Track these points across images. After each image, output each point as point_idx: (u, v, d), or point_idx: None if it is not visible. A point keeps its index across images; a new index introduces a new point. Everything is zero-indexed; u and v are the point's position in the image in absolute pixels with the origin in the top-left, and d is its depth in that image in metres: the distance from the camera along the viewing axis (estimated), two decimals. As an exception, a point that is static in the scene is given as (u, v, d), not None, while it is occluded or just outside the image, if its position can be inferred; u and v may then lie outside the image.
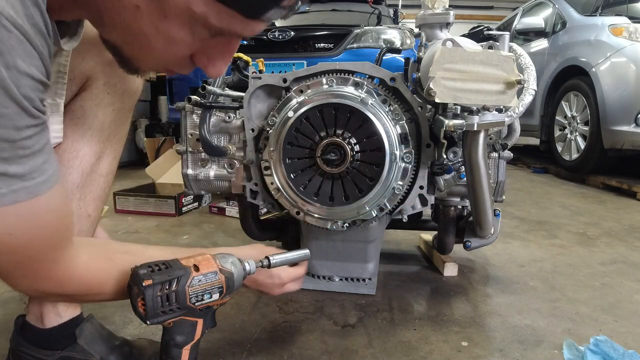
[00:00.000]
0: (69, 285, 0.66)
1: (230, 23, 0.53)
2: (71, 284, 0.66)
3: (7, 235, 0.55)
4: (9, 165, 0.50)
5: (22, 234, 0.56)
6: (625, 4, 3.68)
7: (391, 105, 1.12)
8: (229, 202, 2.34)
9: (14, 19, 0.45)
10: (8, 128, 0.49)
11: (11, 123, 0.49)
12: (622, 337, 1.09)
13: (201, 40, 0.56)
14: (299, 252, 0.95)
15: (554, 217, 2.31)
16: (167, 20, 0.53)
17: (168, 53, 0.58)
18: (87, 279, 0.68)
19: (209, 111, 1.24)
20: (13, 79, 0.47)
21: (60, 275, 0.64)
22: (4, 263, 0.59)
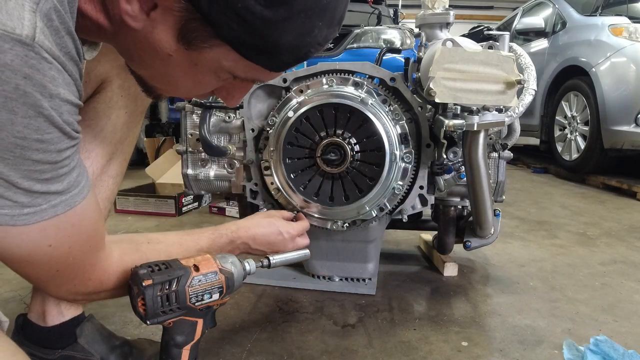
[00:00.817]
0: (108, 283, 0.68)
1: (255, 75, 0.58)
2: (110, 281, 0.68)
3: (47, 247, 0.56)
4: (51, 185, 0.53)
5: (62, 244, 0.58)
6: (625, 4, 3.68)
7: (391, 105, 1.12)
8: (229, 202, 2.34)
9: (52, 50, 0.48)
10: (51, 152, 0.51)
11: (54, 147, 0.51)
12: (622, 337, 1.09)
13: (224, 81, 0.60)
14: (299, 252, 0.95)
15: (554, 217, 2.31)
16: (196, 68, 0.56)
17: (192, 91, 0.63)
18: (123, 272, 0.70)
19: (209, 111, 1.23)
20: (55, 107, 0.50)
21: (100, 275, 0.66)
22: (44, 273, 0.60)
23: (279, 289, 1.34)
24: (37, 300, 0.83)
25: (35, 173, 0.51)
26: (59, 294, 0.66)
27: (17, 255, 0.55)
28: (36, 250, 0.56)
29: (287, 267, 1.44)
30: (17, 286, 1.33)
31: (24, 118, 0.47)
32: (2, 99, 0.46)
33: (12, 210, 0.51)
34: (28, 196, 0.51)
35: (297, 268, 1.43)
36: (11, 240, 0.53)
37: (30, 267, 0.58)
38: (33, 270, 0.59)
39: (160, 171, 2.69)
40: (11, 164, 0.48)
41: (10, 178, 0.49)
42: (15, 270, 0.59)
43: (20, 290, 1.30)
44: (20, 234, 0.53)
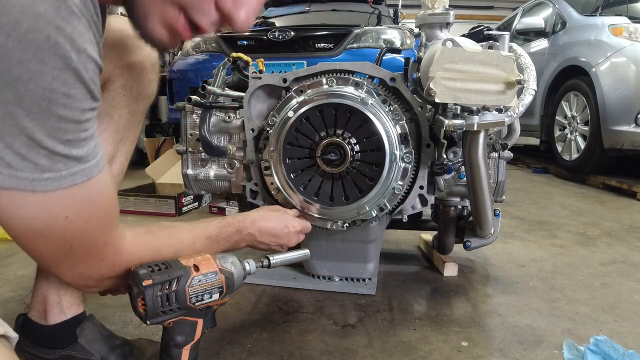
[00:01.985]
0: (121, 265, 0.67)
1: None
2: (124, 262, 0.67)
3: (64, 219, 0.56)
4: (72, 148, 0.52)
5: (78, 216, 0.57)
6: (625, 4, 3.68)
7: (391, 105, 1.12)
8: (229, 202, 2.34)
9: (80, 7, 0.49)
10: (75, 109, 0.51)
11: (78, 104, 0.51)
12: (622, 337, 1.09)
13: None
14: (299, 252, 0.96)
15: (554, 217, 2.31)
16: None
17: None
18: (136, 254, 0.69)
19: (209, 111, 1.23)
20: (82, 62, 0.50)
21: (113, 256, 0.66)
22: (58, 250, 0.59)
23: (279, 289, 1.34)
24: (38, 299, 0.83)
25: (59, 132, 0.50)
26: (71, 277, 0.64)
27: (33, 228, 0.55)
28: (52, 222, 0.55)
29: (287, 267, 1.44)
30: (17, 286, 1.33)
31: (54, 69, 0.48)
32: (34, 48, 0.46)
33: (32, 174, 0.50)
34: (49, 159, 0.51)
35: (297, 268, 1.43)
36: (29, 210, 0.53)
37: (45, 241, 0.57)
38: (47, 246, 0.58)
39: (160, 171, 2.69)
40: (37, 119, 0.48)
41: (35, 135, 0.49)
42: (28, 248, 0.58)
43: (20, 290, 1.30)
44: (38, 201, 0.52)
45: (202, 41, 3.19)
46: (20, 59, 0.46)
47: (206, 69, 3.05)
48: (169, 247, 0.75)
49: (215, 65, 1.26)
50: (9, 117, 0.47)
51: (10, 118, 0.48)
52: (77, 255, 0.61)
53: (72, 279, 0.65)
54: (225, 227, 0.88)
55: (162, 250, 0.74)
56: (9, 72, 0.46)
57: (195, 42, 3.21)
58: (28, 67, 0.46)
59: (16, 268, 1.48)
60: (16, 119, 0.48)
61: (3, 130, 0.48)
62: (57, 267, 0.62)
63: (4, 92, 0.46)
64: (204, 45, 3.18)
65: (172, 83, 3.25)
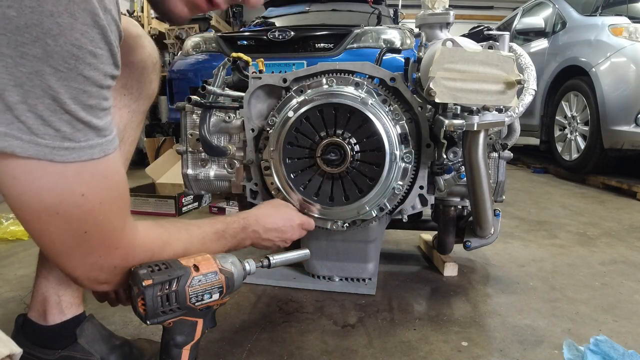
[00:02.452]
0: (135, 255, 0.66)
1: None
2: (136, 253, 0.66)
3: (80, 197, 0.55)
4: (93, 117, 0.52)
5: (94, 195, 0.56)
6: (625, 4, 3.68)
7: (391, 105, 1.12)
8: (229, 202, 2.34)
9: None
10: (99, 72, 0.51)
11: (102, 67, 0.51)
12: (622, 337, 1.09)
13: None
14: (299, 252, 0.95)
15: (554, 217, 2.31)
16: None
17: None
18: (150, 244, 0.68)
19: (209, 111, 1.23)
20: (108, 23, 0.51)
21: (127, 244, 0.64)
22: (71, 235, 0.57)
23: (279, 289, 1.34)
24: (37, 300, 0.83)
25: (84, 95, 0.50)
26: (82, 269, 0.62)
27: (48, 204, 0.53)
28: (68, 198, 0.54)
29: (287, 267, 1.44)
30: (17, 286, 1.33)
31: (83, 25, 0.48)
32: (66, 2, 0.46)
33: (53, 141, 0.50)
34: (71, 126, 0.51)
35: (297, 268, 1.43)
36: (45, 182, 0.52)
37: (59, 222, 0.55)
38: (60, 228, 0.56)
39: (160, 171, 2.69)
40: (63, 79, 0.48)
41: (60, 96, 0.49)
42: (39, 232, 0.56)
43: (20, 290, 1.30)
44: (56, 173, 0.52)
45: (202, 41, 3.19)
46: (52, 12, 0.46)
47: (206, 69, 3.05)
48: (179, 240, 0.74)
49: (215, 65, 1.26)
50: (35, 75, 0.47)
51: (37, 77, 0.47)
52: (90, 242, 0.59)
53: (83, 271, 0.62)
54: (232, 223, 0.88)
55: (172, 243, 0.73)
56: (40, 26, 0.46)
57: (195, 42, 3.21)
58: (59, 21, 0.46)
59: (16, 268, 1.48)
60: (42, 77, 0.47)
61: (28, 90, 0.47)
62: (68, 257, 0.60)
63: (33, 47, 0.46)
64: (204, 45, 3.18)
65: (172, 83, 3.25)
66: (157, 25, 5.44)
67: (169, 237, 0.73)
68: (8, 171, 0.51)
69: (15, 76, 0.46)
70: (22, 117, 0.48)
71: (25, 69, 0.46)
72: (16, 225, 1.85)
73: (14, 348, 0.49)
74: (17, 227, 1.84)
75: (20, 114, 0.48)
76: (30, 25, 0.45)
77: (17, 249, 1.68)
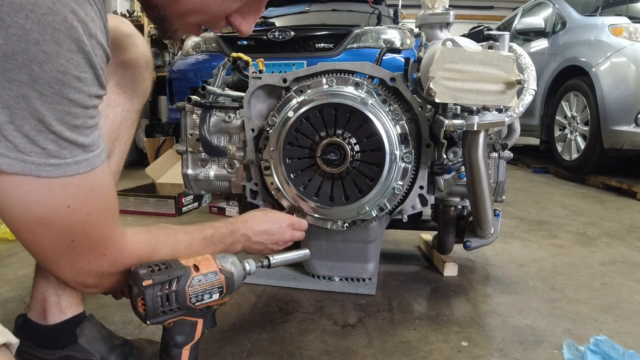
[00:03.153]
0: (122, 261, 0.67)
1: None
2: (124, 259, 0.67)
3: (66, 209, 0.56)
4: (79, 135, 0.54)
5: (81, 207, 0.58)
6: (625, 4, 3.68)
7: (391, 105, 1.12)
8: (229, 202, 2.34)
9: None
10: (84, 94, 0.53)
11: (87, 89, 0.53)
12: (622, 337, 1.09)
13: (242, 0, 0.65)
14: (298, 252, 0.95)
15: (554, 217, 2.31)
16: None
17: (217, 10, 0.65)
18: (137, 250, 0.70)
19: (209, 111, 1.24)
20: (93, 48, 0.52)
21: (115, 251, 0.66)
22: (59, 244, 0.59)
23: (279, 289, 1.34)
24: (37, 300, 0.83)
25: (69, 116, 0.52)
26: (71, 274, 0.64)
27: (36, 216, 0.55)
28: (55, 210, 0.56)
29: (287, 267, 1.44)
30: (17, 286, 1.33)
31: (68, 52, 0.49)
32: (51, 30, 0.48)
33: (38, 158, 0.52)
34: (56, 144, 0.52)
35: (297, 268, 1.43)
36: (33, 196, 0.54)
37: (47, 232, 0.57)
38: (49, 238, 0.58)
39: (160, 171, 2.69)
40: (49, 102, 0.50)
41: (45, 118, 0.50)
42: (29, 241, 0.58)
43: (20, 290, 1.30)
44: (42, 187, 0.54)
45: (202, 41, 3.19)
46: (37, 40, 0.47)
47: (206, 69, 3.05)
48: (167, 246, 0.75)
49: (215, 65, 1.26)
50: (21, 99, 0.49)
51: (23, 100, 0.49)
52: (78, 250, 0.61)
53: (72, 276, 0.64)
54: (220, 228, 0.88)
55: (160, 249, 0.74)
56: (26, 53, 0.47)
57: (195, 42, 3.21)
58: (44, 49, 0.48)
59: (16, 268, 1.48)
60: (29, 101, 0.49)
61: (15, 112, 0.49)
62: (57, 263, 0.62)
63: (19, 73, 0.48)
64: (204, 45, 3.18)
65: (172, 83, 3.25)
66: (157, 25, 5.44)
67: (157, 243, 0.74)
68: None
69: (3, 99, 0.48)
70: (9, 136, 0.50)
71: (12, 92, 0.48)
72: (16, 225, 1.84)
73: (10, 338, 0.50)
74: (17, 227, 1.83)
75: (8, 133, 0.50)
76: (16, 52, 0.47)
77: (17, 249, 1.68)
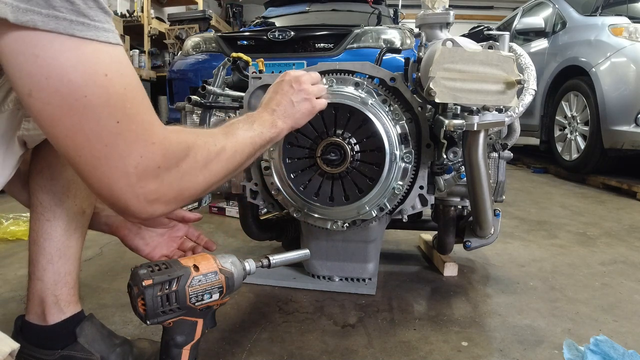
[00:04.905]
0: (173, 150, 0.62)
1: None
2: (173, 148, 0.62)
3: (103, 77, 0.54)
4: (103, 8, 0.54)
5: (117, 78, 0.55)
6: (625, 4, 3.68)
7: (391, 105, 1.12)
8: (229, 202, 2.34)
9: None
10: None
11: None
12: (622, 337, 1.09)
13: None
14: (298, 252, 0.95)
15: (554, 217, 2.31)
16: None
17: None
18: (183, 136, 0.65)
19: (209, 111, 1.24)
20: None
21: (163, 138, 0.61)
22: (105, 129, 0.55)
23: (279, 289, 1.35)
24: (34, 302, 0.83)
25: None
26: (127, 180, 0.58)
27: (75, 83, 0.52)
28: (93, 77, 0.53)
29: (287, 267, 1.44)
30: (17, 286, 1.33)
31: None
32: None
33: (70, 15, 0.51)
34: (83, 1, 0.52)
35: (297, 268, 1.43)
36: (68, 57, 0.52)
37: (89, 110, 0.53)
38: (93, 119, 0.54)
39: (160, 171, 2.68)
40: None
41: None
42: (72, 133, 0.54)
43: (20, 290, 1.30)
44: (76, 48, 0.52)
45: (202, 41, 3.19)
46: None
47: (206, 69, 3.05)
48: (204, 132, 0.72)
49: (215, 65, 1.26)
50: None
51: None
52: (125, 136, 0.56)
53: (129, 183, 0.58)
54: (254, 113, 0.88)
55: (200, 134, 0.70)
56: None
57: (195, 42, 3.21)
58: None
59: (16, 268, 1.48)
60: None
61: None
62: (107, 163, 0.56)
63: None
64: (204, 45, 3.18)
65: (172, 83, 3.25)
66: (157, 25, 5.44)
67: (195, 130, 0.71)
68: (29, 49, 0.51)
69: None
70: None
71: None
72: (16, 225, 1.85)
73: (13, 345, 0.49)
74: (17, 227, 1.84)
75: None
76: None
77: (17, 249, 1.68)
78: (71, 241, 0.84)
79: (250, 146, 0.80)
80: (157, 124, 0.61)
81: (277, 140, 0.91)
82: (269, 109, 0.91)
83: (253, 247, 1.74)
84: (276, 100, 0.93)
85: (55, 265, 0.82)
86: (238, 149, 0.76)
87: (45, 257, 0.82)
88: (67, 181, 0.82)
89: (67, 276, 0.83)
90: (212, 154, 0.70)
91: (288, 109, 0.93)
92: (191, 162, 0.65)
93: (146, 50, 5.33)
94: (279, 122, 0.90)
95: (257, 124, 0.84)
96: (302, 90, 0.95)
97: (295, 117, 0.94)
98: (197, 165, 0.66)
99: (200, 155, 0.67)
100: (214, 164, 0.70)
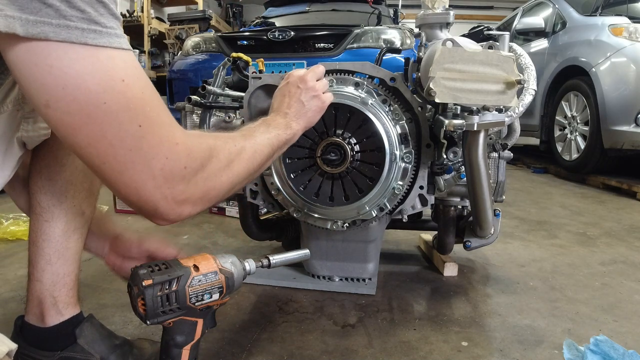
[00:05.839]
0: (197, 150, 0.62)
1: None
2: (196, 148, 0.62)
3: (121, 82, 0.53)
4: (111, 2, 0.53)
5: (134, 82, 0.55)
6: (625, 4, 3.68)
7: (391, 105, 1.12)
8: (229, 202, 2.34)
9: None
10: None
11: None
12: (622, 337, 1.09)
13: None
14: (298, 252, 0.95)
15: (554, 217, 2.31)
16: None
17: None
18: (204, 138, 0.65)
19: (209, 111, 1.24)
20: None
21: (185, 138, 0.60)
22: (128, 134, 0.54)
23: (279, 289, 1.34)
24: (33, 303, 0.83)
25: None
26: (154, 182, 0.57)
27: (93, 91, 0.51)
28: (110, 84, 0.52)
29: (287, 267, 1.44)
30: (17, 286, 1.33)
31: None
32: None
33: (81, 23, 0.50)
34: (93, 9, 0.51)
35: (297, 268, 1.43)
36: (83, 64, 0.51)
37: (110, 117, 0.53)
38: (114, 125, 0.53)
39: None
40: None
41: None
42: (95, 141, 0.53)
43: (20, 290, 1.30)
44: (91, 55, 0.51)
45: (202, 41, 3.19)
46: None
47: (206, 69, 3.05)
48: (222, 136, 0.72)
49: (215, 65, 1.26)
50: None
51: None
52: (148, 139, 0.56)
53: (156, 185, 0.57)
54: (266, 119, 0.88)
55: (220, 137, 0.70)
56: None
57: (195, 42, 3.21)
58: None
59: (16, 268, 1.48)
60: None
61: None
62: (134, 168, 0.56)
63: None
64: (204, 45, 3.18)
65: (172, 83, 3.25)
66: (157, 25, 5.45)
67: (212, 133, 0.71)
68: (43, 60, 0.50)
69: None
70: (48, 1, 0.48)
71: None
72: (16, 225, 1.85)
73: (10, 345, 0.49)
74: (17, 227, 1.84)
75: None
76: None
77: (17, 249, 1.68)
78: (70, 242, 0.83)
79: (269, 147, 0.80)
80: (177, 126, 0.61)
81: (293, 141, 0.92)
82: (281, 112, 0.92)
83: (253, 247, 1.74)
84: (286, 103, 0.94)
85: (53, 266, 0.82)
86: (257, 150, 0.77)
87: (43, 258, 0.81)
88: (65, 182, 0.82)
89: (66, 277, 0.83)
90: (233, 154, 0.70)
91: (300, 110, 0.94)
92: (215, 161, 0.65)
93: (146, 50, 5.34)
94: (293, 123, 0.91)
95: (273, 127, 0.86)
96: (309, 88, 0.96)
97: (307, 116, 0.95)
98: (220, 165, 0.66)
99: (222, 155, 0.67)
100: (236, 163, 0.70)
